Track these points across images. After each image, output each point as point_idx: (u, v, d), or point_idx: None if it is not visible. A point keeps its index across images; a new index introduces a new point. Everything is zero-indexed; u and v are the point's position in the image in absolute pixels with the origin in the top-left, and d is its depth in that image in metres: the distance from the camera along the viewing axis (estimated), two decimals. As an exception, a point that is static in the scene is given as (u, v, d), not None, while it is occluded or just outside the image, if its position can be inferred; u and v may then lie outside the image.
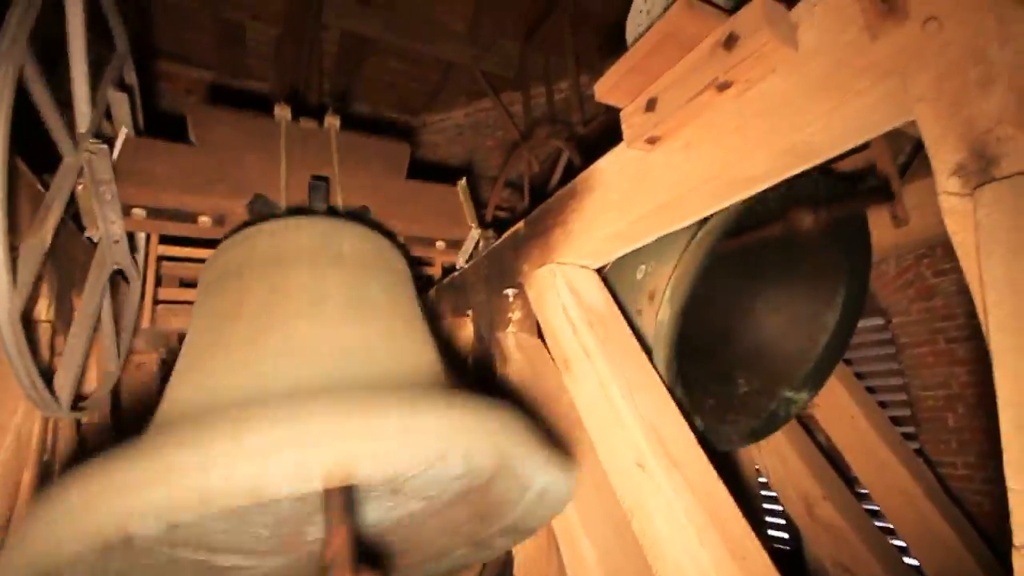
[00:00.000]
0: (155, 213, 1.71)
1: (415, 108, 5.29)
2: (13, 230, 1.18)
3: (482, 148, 5.26)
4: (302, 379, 0.99)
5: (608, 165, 1.48)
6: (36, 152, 1.28)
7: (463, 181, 2.32)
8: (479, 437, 0.90)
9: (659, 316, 1.57)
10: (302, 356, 1.05)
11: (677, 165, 1.24)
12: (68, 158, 1.35)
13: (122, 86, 1.74)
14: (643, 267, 1.71)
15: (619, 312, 1.70)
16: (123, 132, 1.69)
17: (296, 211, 1.76)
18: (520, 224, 1.96)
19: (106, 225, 1.61)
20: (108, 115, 1.64)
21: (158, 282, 2.99)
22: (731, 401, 1.78)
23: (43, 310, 1.39)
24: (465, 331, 2.49)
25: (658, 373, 1.56)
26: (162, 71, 4.10)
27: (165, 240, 2.81)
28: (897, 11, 0.79)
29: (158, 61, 3.93)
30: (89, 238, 1.65)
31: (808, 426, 2.37)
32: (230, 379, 1.01)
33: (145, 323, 2.60)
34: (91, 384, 1.75)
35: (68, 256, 1.53)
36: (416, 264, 3.00)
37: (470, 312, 2.42)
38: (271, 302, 1.16)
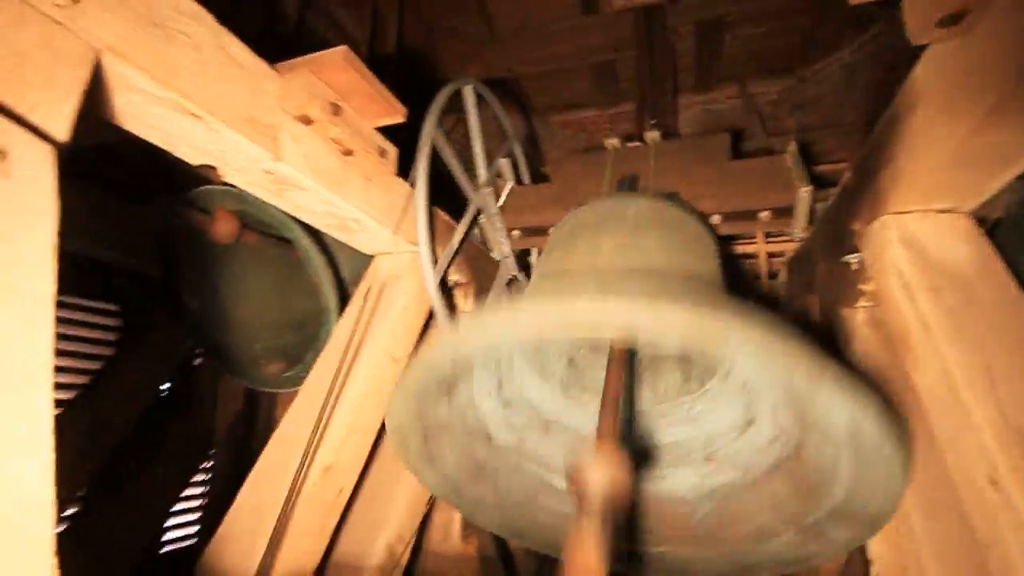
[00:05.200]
0: (525, 231, 2.40)
1: (789, 67, 4.69)
2: (435, 241, 1.99)
3: (888, 81, 4.06)
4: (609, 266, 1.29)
5: (923, 72, 1.09)
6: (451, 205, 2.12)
7: (792, 146, 2.03)
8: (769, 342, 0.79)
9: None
10: (609, 259, 1.34)
11: (1005, 42, 0.83)
12: (471, 199, 2.15)
13: (511, 155, 2.55)
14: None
15: (1003, 269, 1.16)
16: (508, 185, 2.49)
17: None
18: (847, 174, 1.59)
19: (499, 246, 2.41)
20: (499, 174, 2.46)
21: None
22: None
23: (466, 307, 2.24)
24: (817, 309, 2.12)
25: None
26: (562, 121, 5.32)
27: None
28: None
29: (555, 115, 5.12)
30: (494, 258, 2.49)
31: None
32: (565, 266, 1.45)
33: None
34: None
35: (482, 271, 2.37)
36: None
37: (816, 287, 2.05)
38: (588, 235, 1.51)
